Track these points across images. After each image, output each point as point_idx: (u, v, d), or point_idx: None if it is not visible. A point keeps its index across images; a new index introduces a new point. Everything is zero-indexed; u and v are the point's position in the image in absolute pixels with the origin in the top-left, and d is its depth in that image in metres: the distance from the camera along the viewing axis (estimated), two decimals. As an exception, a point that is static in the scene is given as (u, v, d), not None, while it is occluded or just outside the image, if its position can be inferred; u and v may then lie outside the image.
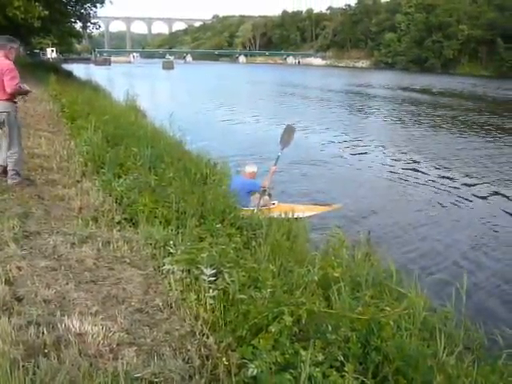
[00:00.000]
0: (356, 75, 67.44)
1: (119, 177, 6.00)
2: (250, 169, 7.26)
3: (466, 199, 10.01)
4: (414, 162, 13.91)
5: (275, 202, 7.60)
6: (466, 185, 11.27)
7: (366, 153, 15.25)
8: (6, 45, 5.51)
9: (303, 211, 7.44)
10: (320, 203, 8.37)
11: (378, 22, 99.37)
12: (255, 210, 6.28)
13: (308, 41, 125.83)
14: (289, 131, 7.58)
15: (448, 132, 19.63)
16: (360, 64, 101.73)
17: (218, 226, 4.58)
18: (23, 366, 2.13)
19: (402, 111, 27.30)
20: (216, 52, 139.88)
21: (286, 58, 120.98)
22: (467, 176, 12.12)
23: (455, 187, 11.03)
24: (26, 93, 5.88)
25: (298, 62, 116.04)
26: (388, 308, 3.17)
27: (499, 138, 18.54)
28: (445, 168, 13.04)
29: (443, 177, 12.02)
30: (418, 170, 12.78)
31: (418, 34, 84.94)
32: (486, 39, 75.54)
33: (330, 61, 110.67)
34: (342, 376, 2.46)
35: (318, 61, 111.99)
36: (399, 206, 9.40)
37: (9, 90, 5.35)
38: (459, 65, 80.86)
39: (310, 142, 16.03)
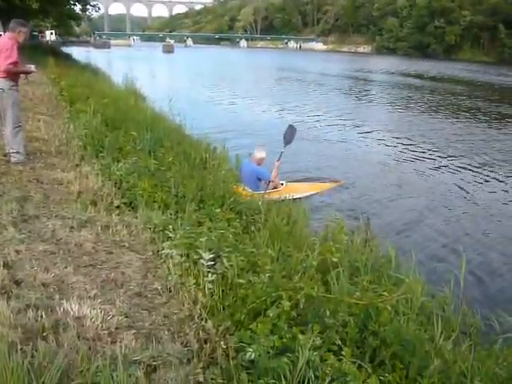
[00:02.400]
0: (357, 60, 66.93)
1: (118, 161, 5.99)
2: (259, 154, 7.43)
3: (466, 185, 9.98)
4: (413, 145, 13.85)
5: (283, 182, 7.94)
6: (465, 170, 11.23)
7: (365, 136, 15.19)
8: (16, 28, 5.66)
9: (308, 190, 8.15)
10: (323, 180, 8.94)
11: (379, 7, 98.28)
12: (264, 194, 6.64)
13: (309, 25, 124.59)
14: (291, 130, 7.99)
15: (448, 118, 19.51)
16: (362, 49, 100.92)
17: (217, 210, 4.58)
18: (21, 349, 2.14)
19: (401, 96, 27.17)
20: (217, 36, 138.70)
21: (287, 43, 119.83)
22: (467, 162, 12.07)
23: (454, 172, 10.99)
24: (27, 72, 5.89)
25: (300, 47, 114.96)
26: (386, 293, 3.19)
27: (498, 124, 18.46)
28: (443, 153, 12.99)
29: (441, 162, 11.98)
30: (416, 155, 12.72)
31: (419, 20, 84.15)
32: (488, 25, 75.01)
33: (332, 46, 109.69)
34: (340, 360, 2.47)
35: (319, 46, 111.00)
36: (396, 190, 9.36)
37: (2, 67, 5.46)
38: (461, 51, 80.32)
39: (310, 127, 15.99)
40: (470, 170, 11.24)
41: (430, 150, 13.45)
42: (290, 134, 7.91)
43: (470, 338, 3.56)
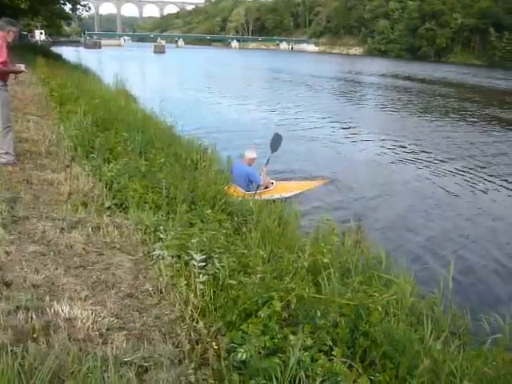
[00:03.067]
0: (349, 62, 67.22)
1: (109, 162, 5.96)
2: (250, 155, 7.75)
3: (455, 186, 10.09)
4: (402, 147, 14.04)
5: (273, 181, 8.23)
6: (453, 171, 11.37)
7: (354, 137, 15.41)
8: (5, 27, 5.55)
9: (298, 188, 8.57)
10: (311, 178, 9.60)
11: (371, 9, 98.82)
12: (255, 195, 6.84)
13: (301, 27, 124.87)
14: (277, 138, 8.38)
15: (437, 119, 19.68)
16: (353, 51, 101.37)
17: (208, 211, 4.58)
18: (11, 351, 2.12)
19: (390, 98, 27.46)
20: (208, 37, 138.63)
21: (278, 44, 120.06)
22: (455, 162, 12.22)
23: (442, 173, 11.13)
24: (16, 72, 5.84)
25: (291, 48, 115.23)
26: (376, 294, 3.21)
27: (485, 125, 18.64)
28: (433, 154, 13.12)
29: (430, 163, 12.11)
30: (405, 156, 12.91)
31: (411, 22, 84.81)
32: (479, 28, 75.68)
33: (323, 47, 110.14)
34: (331, 360, 2.49)
35: (311, 47, 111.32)
36: (385, 191, 9.44)
37: None
38: (452, 53, 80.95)
39: (300, 127, 16.10)
40: (458, 170, 11.37)
41: (418, 150, 13.64)
42: (276, 142, 8.29)
43: (460, 338, 3.59)
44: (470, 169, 11.56)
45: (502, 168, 11.84)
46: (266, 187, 7.88)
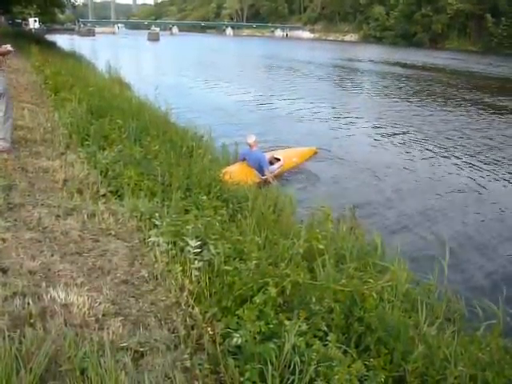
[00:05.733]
0: (344, 49, 66.80)
1: (104, 149, 5.95)
2: (251, 139, 8.20)
3: (450, 172, 10.10)
4: (396, 132, 14.08)
5: (279, 157, 9.01)
6: (449, 156, 11.40)
7: (349, 123, 15.44)
8: None
9: (297, 156, 9.67)
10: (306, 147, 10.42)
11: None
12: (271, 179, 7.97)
13: (296, 13, 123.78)
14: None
15: (433, 106, 19.61)
16: (348, 38, 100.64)
17: (203, 197, 4.58)
18: (9, 336, 2.14)
19: (383, 85, 27.33)
20: (202, 24, 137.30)
21: (273, 31, 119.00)
22: (450, 149, 12.25)
23: (437, 159, 11.15)
24: (3, 53, 5.79)
25: (286, 35, 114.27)
26: (371, 280, 3.23)
27: (479, 111, 18.67)
28: (428, 140, 13.14)
29: (428, 149, 12.12)
30: (398, 141, 12.95)
31: (406, 8, 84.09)
32: (476, 14, 75.15)
33: (319, 34, 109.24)
34: (325, 345, 2.51)
35: (306, 34, 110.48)
36: (380, 176, 9.47)
37: None
38: (448, 40, 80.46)
39: (294, 115, 16.15)
40: (456, 158, 11.37)
41: (411, 135, 13.70)
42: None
43: (454, 325, 3.63)
44: (467, 155, 11.57)
45: (495, 154, 11.86)
46: (279, 167, 8.72)
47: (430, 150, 11.97)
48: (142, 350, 2.34)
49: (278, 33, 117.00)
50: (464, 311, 4.03)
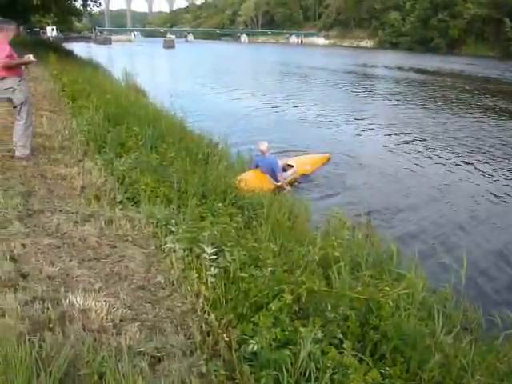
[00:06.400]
0: (359, 55, 66.59)
1: (121, 156, 6.02)
2: (263, 146, 8.27)
3: (469, 180, 10.00)
4: (413, 139, 13.95)
5: (292, 164, 9.04)
6: (467, 165, 11.25)
7: (364, 129, 15.41)
8: (3, 27, 5.69)
9: (310, 163, 9.66)
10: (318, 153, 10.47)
11: (382, 1, 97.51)
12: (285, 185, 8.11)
13: (311, 20, 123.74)
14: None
15: (453, 113, 19.42)
16: (364, 44, 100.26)
17: (219, 204, 4.61)
18: (29, 340, 2.18)
19: (400, 91, 27.13)
20: (218, 31, 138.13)
21: (288, 38, 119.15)
22: (468, 156, 12.12)
23: (455, 167, 11.02)
24: (26, 63, 5.93)
25: (301, 42, 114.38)
26: (387, 288, 3.22)
27: (496, 118, 18.46)
28: (444, 146, 13.04)
29: (443, 156, 12.02)
30: (417, 148, 12.80)
31: (423, 13, 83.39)
32: (493, 18, 74.20)
33: (334, 40, 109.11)
34: (341, 353, 2.51)
35: (321, 40, 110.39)
36: (397, 184, 9.44)
37: (0, 63, 5.48)
38: (465, 45, 79.63)
39: (308, 120, 16.22)
40: (472, 165, 11.24)
41: (430, 142, 13.54)
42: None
43: (471, 334, 3.59)
44: (487, 164, 11.41)
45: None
46: (293, 173, 8.82)
47: (446, 157, 11.88)
48: (158, 355, 2.37)
49: (293, 39, 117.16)
50: (481, 320, 3.99)
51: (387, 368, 2.64)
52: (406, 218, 7.56)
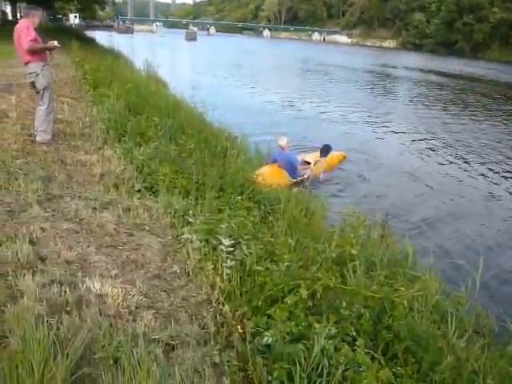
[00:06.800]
0: (382, 55, 65.98)
1: (140, 146, 6.06)
2: (283, 141, 8.26)
3: (488, 184, 9.91)
4: (435, 143, 13.78)
5: (309, 161, 9.00)
6: (487, 170, 11.14)
7: (381, 128, 15.36)
8: (29, 13, 5.87)
9: (325, 162, 9.29)
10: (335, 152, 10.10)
11: (407, 1, 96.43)
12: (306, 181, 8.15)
13: (335, 17, 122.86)
14: (326, 147, 9.38)
15: (468, 117, 19.22)
16: (387, 44, 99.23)
17: (238, 197, 4.63)
18: (47, 322, 2.22)
19: (420, 93, 26.91)
20: (240, 25, 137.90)
21: (310, 35, 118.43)
22: (486, 160, 11.99)
23: (474, 171, 10.91)
24: (50, 48, 5.99)
25: (323, 39, 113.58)
26: (402, 288, 3.21)
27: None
28: (462, 149, 12.95)
29: (461, 159, 11.94)
30: (436, 151, 12.69)
31: (448, 16, 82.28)
32: (519, 23, 73.01)
33: (356, 39, 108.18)
34: (354, 350, 2.51)
35: (343, 38, 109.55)
36: (414, 185, 9.37)
37: (25, 46, 5.60)
38: (489, 49, 78.44)
39: (325, 117, 16.19)
40: (492, 170, 11.12)
41: (449, 145, 13.41)
42: (326, 149, 9.31)
43: (484, 338, 3.56)
44: (504, 167, 11.32)
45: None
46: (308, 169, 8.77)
47: (463, 160, 11.80)
48: (173, 343, 2.40)
49: (316, 36, 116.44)
50: (494, 326, 3.95)
51: (399, 368, 2.64)
52: (422, 219, 7.50)
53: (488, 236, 7.13)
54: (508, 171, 11.05)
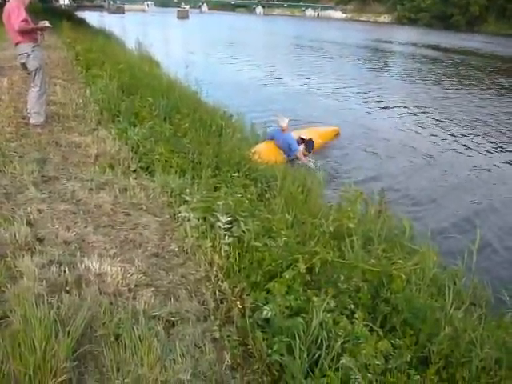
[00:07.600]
0: (377, 30, 65.25)
1: (135, 126, 6.02)
2: (284, 122, 8.25)
3: (484, 158, 9.93)
4: (429, 117, 13.74)
5: (304, 137, 8.81)
6: (483, 142, 11.15)
7: (375, 103, 15.31)
8: None
9: (319, 137, 9.40)
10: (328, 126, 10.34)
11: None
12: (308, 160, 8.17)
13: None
14: (311, 143, 9.00)
15: (462, 91, 19.11)
16: (382, 19, 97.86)
17: (234, 174, 4.62)
18: (48, 301, 2.23)
19: (414, 68, 26.67)
20: (232, 2, 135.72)
21: (304, 10, 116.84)
22: (480, 132, 12.00)
23: (471, 145, 10.91)
24: (41, 29, 5.90)
25: (318, 15, 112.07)
26: (401, 261, 3.22)
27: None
28: (457, 124, 12.91)
29: (456, 132, 11.93)
30: (432, 126, 12.65)
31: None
32: (516, -5, 72.08)
33: (351, 14, 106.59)
34: (352, 323, 2.53)
35: (338, 14, 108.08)
36: (410, 159, 9.38)
37: (16, 27, 5.51)
38: (485, 23, 77.62)
39: (320, 92, 16.18)
40: (488, 142, 11.12)
41: (446, 121, 13.34)
42: (309, 145, 8.98)
43: (481, 310, 3.60)
44: (502, 142, 11.31)
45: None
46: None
47: (458, 134, 11.78)
48: (173, 319, 2.42)
49: (309, 12, 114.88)
50: (490, 298, 3.99)
51: (397, 339, 2.67)
52: (419, 193, 7.53)
53: (485, 208, 7.17)
54: (503, 143, 11.05)
